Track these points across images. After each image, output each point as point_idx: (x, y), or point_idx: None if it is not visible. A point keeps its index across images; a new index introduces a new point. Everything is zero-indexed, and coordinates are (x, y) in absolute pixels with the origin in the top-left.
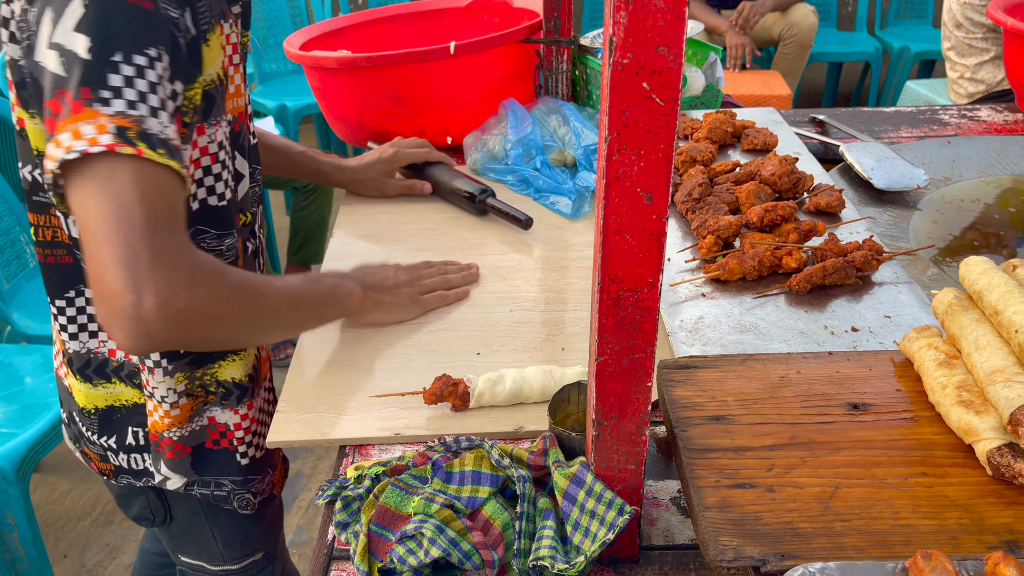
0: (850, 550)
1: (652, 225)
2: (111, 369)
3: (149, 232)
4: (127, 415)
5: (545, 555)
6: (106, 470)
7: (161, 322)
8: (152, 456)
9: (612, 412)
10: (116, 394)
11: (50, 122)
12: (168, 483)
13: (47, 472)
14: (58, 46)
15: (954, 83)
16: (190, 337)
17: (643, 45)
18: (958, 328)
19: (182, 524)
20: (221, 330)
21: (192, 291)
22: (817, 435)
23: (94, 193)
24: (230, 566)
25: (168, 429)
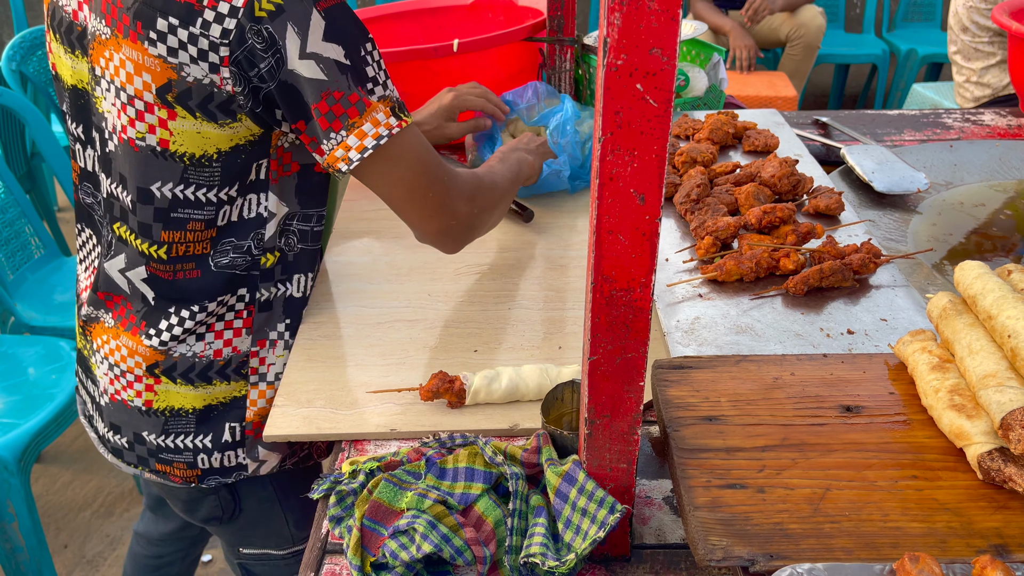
0: (838, 551)
1: (645, 225)
2: (215, 370)
3: (441, 178)
4: (224, 411)
5: (536, 552)
6: (191, 476)
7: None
8: (248, 447)
9: (604, 411)
10: (214, 394)
11: (323, 121)
12: (262, 468)
13: (49, 463)
14: (315, 55)
15: (960, 87)
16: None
17: (637, 46)
18: (952, 332)
19: (252, 515)
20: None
21: (475, 203)
22: (809, 437)
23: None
24: (299, 546)
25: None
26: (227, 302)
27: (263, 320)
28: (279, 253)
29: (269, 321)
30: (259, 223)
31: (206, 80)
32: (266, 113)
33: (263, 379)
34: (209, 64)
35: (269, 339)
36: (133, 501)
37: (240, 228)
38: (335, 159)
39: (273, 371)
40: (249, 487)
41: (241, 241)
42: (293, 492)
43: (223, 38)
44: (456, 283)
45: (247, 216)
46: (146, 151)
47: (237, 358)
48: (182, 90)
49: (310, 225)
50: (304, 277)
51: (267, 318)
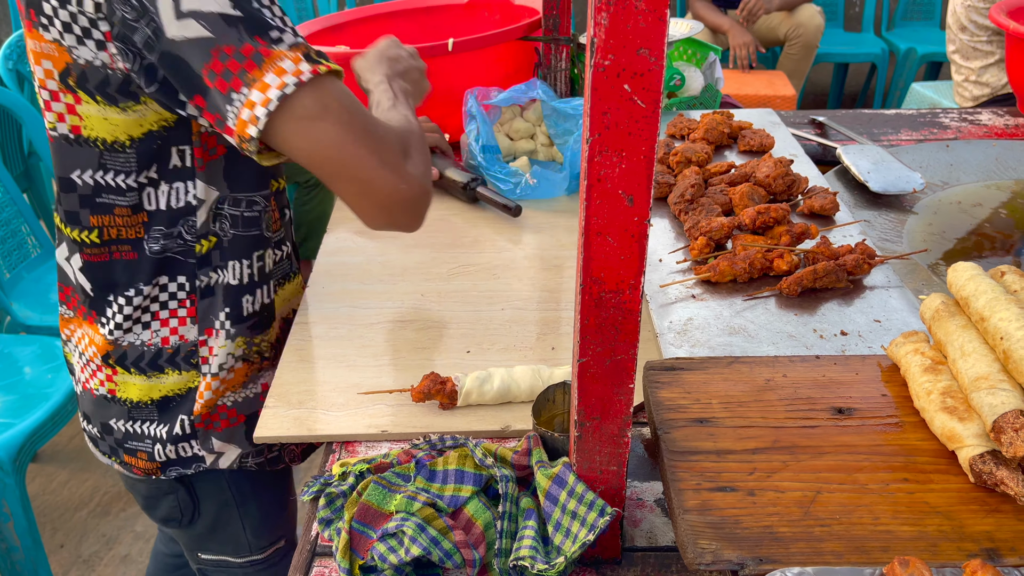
0: (828, 555)
1: (634, 227)
2: (165, 359)
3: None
4: (180, 403)
5: (526, 555)
6: (152, 469)
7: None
8: (201, 438)
9: (594, 413)
10: (168, 384)
11: (220, 84)
12: (221, 460)
13: (45, 462)
14: (193, 13)
15: (959, 86)
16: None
17: (624, 47)
18: (944, 334)
19: (210, 519)
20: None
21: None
22: (800, 439)
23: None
24: (255, 556)
25: (223, 395)
26: (166, 287)
27: (207, 307)
28: (214, 239)
29: (212, 308)
30: (188, 211)
31: (97, 61)
32: (167, 95)
33: (211, 367)
34: (95, 42)
35: (214, 328)
36: (130, 500)
37: (169, 216)
38: (243, 126)
39: (216, 362)
40: (208, 489)
41: (171, 228)
42: (253, 498)
43: (97, 12)
44: (449, 283)
45: (175, 205)
46: (60, 140)
47: (186, 347)
48: (79, 73)
49: (241, 210)
50: (240, 264)
51: (210, 305)
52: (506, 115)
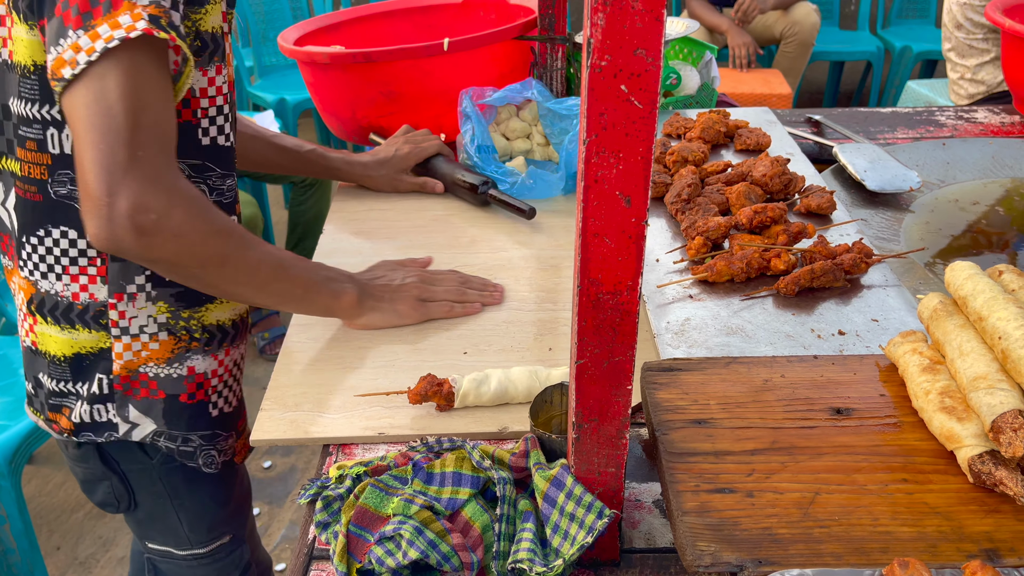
0: (828, 556)
1: (631, 228)
2: (75, 314)
3: (132, 144)
4: (94, 361)
5: (524, 558)
6: (67, 429)
7: (130, 229)
8: (118, 403)
9: (592, 415)
10: (83, 341)
11: (66, 16)
12: (134, 432)
13: (41, 464)
14: None
15: (955, 84)
16: (157, 255)
17: (621, 47)
18: (942, 333)
19: (147, 509)
20: (192, 262)
21: (168, 209)
22: (799, 440)
23: (84, 100)
24: (197, 550)
25: (145, 363)
26: (75, 241)
27: (118, 271)
28: None
29: (125, 273)
30: None
31: None
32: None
33: (126, 332)
34: None
35: (127, 292)
36: None
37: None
38: (62, 63)
39: (136, 324)
40: (140, 480)
41: None
42: (187, 492)
43: None
44: None
45: None
46: (1, 66)
47: (95, 306)
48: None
49: None
50: None
51: (122, 269)
52: (502, 115)
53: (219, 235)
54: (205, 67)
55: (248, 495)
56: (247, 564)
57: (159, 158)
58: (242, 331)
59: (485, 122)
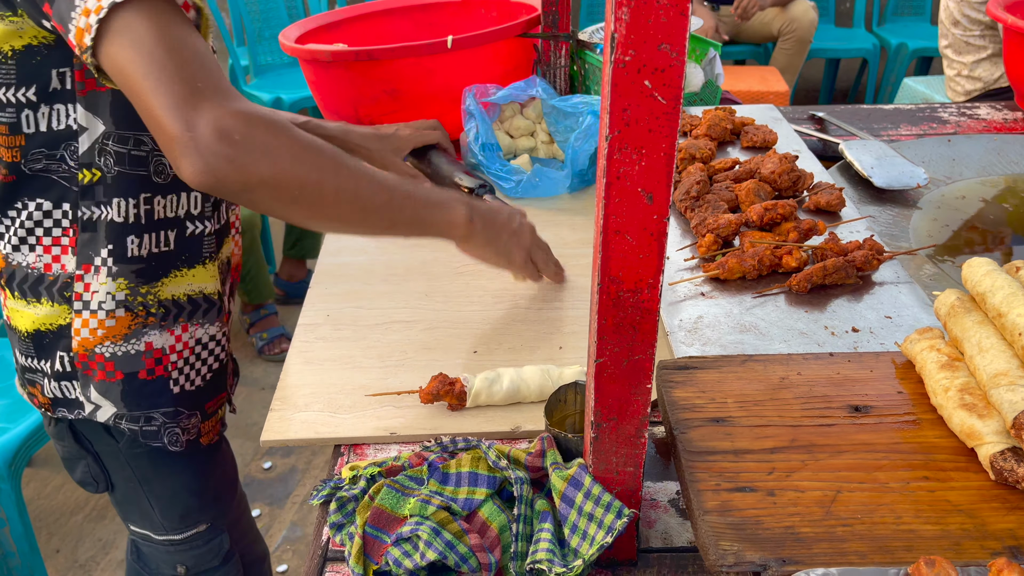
0: (852, 555)
1: (653, 225)
2: (44, 286)
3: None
4: (54, 339)
5: (542, 558)
6: (46, 404)
7: (221, 155)
8: (80, 382)
9: (611, 414)
10: (43, 316)
11: None
12: (98, 413)
13: (39, 466)
14: None
15: (951, 80)
16: (255, 175)
17: (645, 42)
18: (961, 330)
19: (122, 491)
20: (290, 181)
21: (248, 127)
22: (818, 438)
23: (124, 56)
24: (172, 536)
25: (101, 343)
26: (50, 213)
27: (86, 241)
28: (98, 172)
29: (93, 244)
30: (70, 135)
31: None
32: (31, 5)
33: (86, 307)
34: None
35: (94, 264)
36: None
37: (50, 139)
38: (80, 35)
39: (96, 299)
40: (112, 463)
41: (53, 151)
42: (156, 478)
43: None
44: (454, 283)
45: (56, 127)
46: None
47: (63, 276)
48: None
49: (127, 148)
50: (125, 202)
51: (90, 240)
52: (506, 113)
53: (309, 149)
54: None
55: (230, 484)
56: (228, 553)
57: (220, 82)
58: (204, 309)
59: (489, 120)
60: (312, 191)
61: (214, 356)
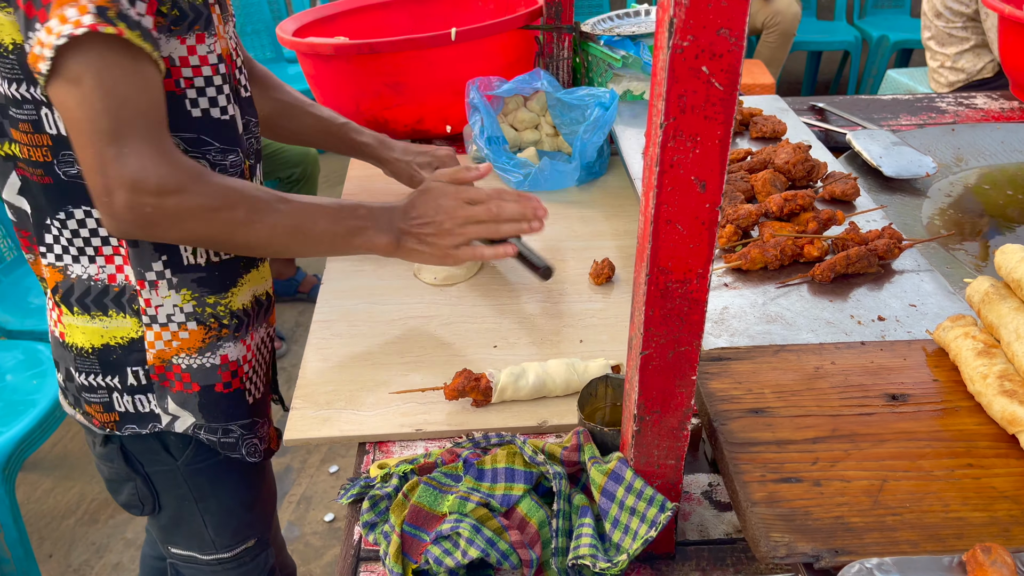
0: (904, 544)
1: (705, 214)
2: (111, 298)
3: (118, 141)
4: (123, 354)
5: (585, 553)
6: (109, 422)
7: (132, 222)
8: (157, 394)
9: (655, 407)
10: (112, 329)
11: (28, 8)
12: (176, 423)
13: (29, 470)
14: None
15: (934, 72)
16: (166, 239)
17: (704, 27)
18: (996, 317)
19: (171, 512)
20: (200, 239)
21: (161, 199)
22: (859, 427)
23: (68, 103)
24: (222, 554)
25: (177, 354)
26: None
27: (136, 257)
28: None
29: (142, 259)
30: None
31: None
32: None
33: (155, 320)
34: None
35: (147, 279)
36: (118, 508)
37: None
38: (35, 60)
39: (163, 313)
40: (165, 482)
41: None
42: (213, 495)
43: None
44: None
45: None
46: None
47: (130, 288)
48: None
49: None
50: None
51: (139, 255)
52: (510, 105)
53: (219, 211)
54: (183, 36)
55: (273, 496)
56: (271, 569)
57: (145, 147)
58: (260, 312)
59: (494, 113)
60: (225, 244)
61: (266, 359)
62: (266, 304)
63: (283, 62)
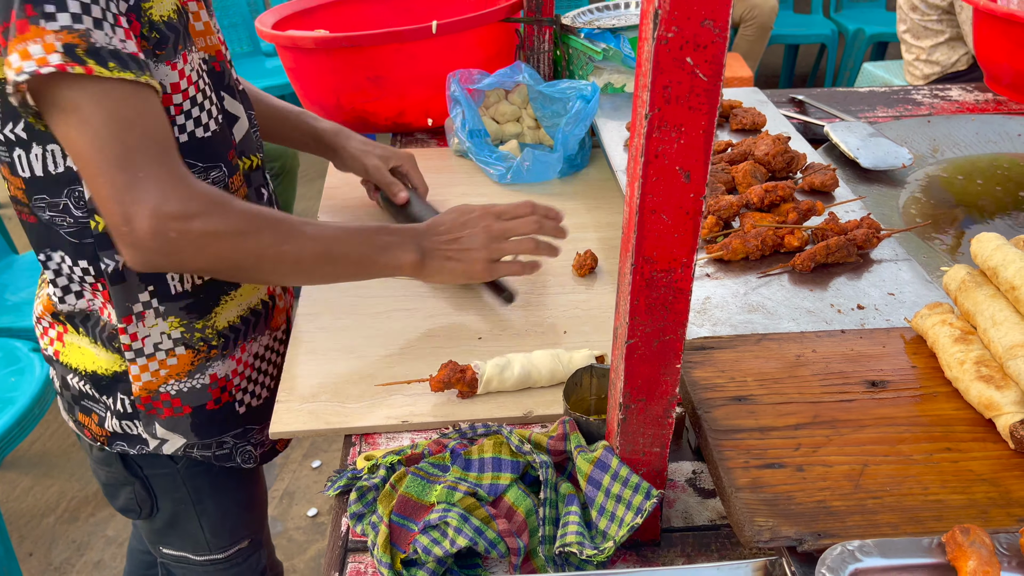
0: (884, 527)
1: (689, 204)
2: (99, 329)
3: (129, 168)
4: (111, 383)
5: (572, 541)
6: (101, 436)
7: (156, 251)
8: (144, 421)
9: (640, 395)
10: (99, 361)
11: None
12: (165, 447)
13: (7, 468)
14: None
15: (910, 65)
16: (191, 266)
17: (689, 18)
18: (973, 304)
19: (167, 515)
20: (227, 266)
21: (186, 223)
22: (840, 413)
23: (67, 126)
24: (216, 555)
25: (165, 382)
26: (72, 266)
27: (120, 293)
28: None
29: (128, 293)
30: (71, 179)
31: None
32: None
33: (140, 354)
34: None
35: (134, 312)
36: (98, 505)
37: (50, 183)
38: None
39: (150, 343)
40: (163, 485)
41: (56, 199)
42: (211, 497)
43: None
44: None
45: (53, 171)
46: None
47: (111, 326)
48: None
49: None
50: None
51: (124, 291)
52: (491, 98)
53: (245, 235)
54: (172, 60)
55: (265, 497)
56: (263, 569)
57: (161, 172)
58: (253, 324)
59: (475, 106)
60: (251, 270)
61: (272, 364)
62: (262, 314)
63: (260, 55)
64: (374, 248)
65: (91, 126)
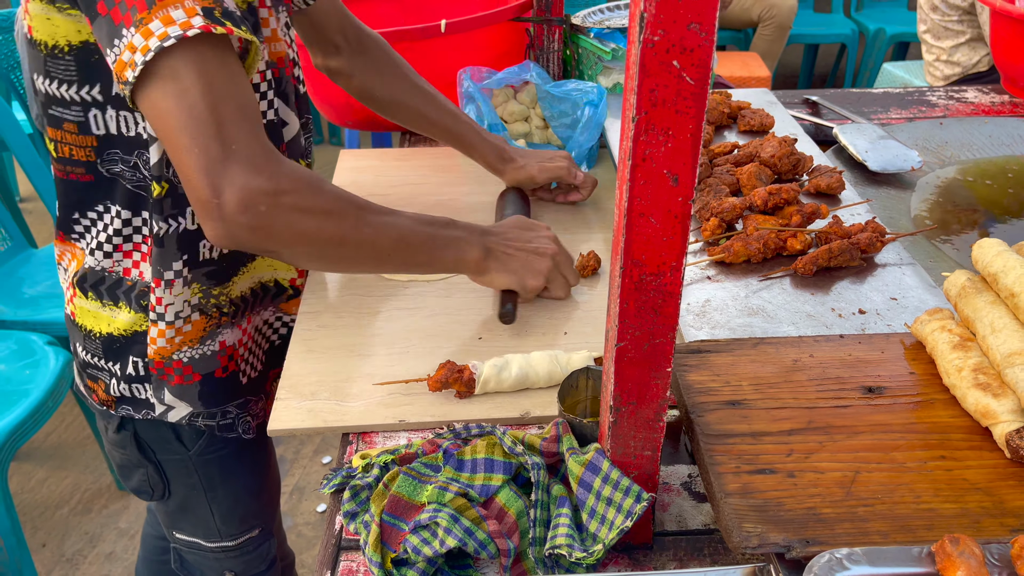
0: (874, 535)
1: (678, 207)
2: (123, 291)
3: (224, 139)
4: (126, 344)
5: (562, 543)
6: (108, 401)
7: (244, 225)
8: (154, 386)
9: (631, 398)
10: (118, 321)
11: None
12: (170, 414)
13: (22, 460)
14: None
15: (930, 65)
16: (275, 244)
17: (675, 22)
18: (972, 310)
19: (179, 499)
20: (309, 246)
21: (276, 197)
22: (834, 419)
23: (163, 94)
24: (226, 542)
25: (179, 349)
26: (129, 220)
27: (158, 257)
28: (167, 185)
29: (163, 259)
30: (140, 143)
31: None
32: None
33: (161, 318)
34: None
35: (165, 279)
36: (112, 497)
37: (122, 143)
38: (122, 67)
39: (172, 311)
40: (176, 470)
41: (127, 156)
42: (222, 484)
43: None
44: None
45: (126, 133)
46: (22, 39)
47: (141, 284)
48: None
49: None
50: None
51: (161, 256)
52: (499, 97)
53: (331, 216)
54: None
55: (278, 486)
56: (273, 558)
57: (254, 145)
58: (260, 297)
59: (489, 99)
60: (332, 253)
61: (265, 338)
62: (274, 291)
63: None
64: (445, 240)
65: (190, 95)
